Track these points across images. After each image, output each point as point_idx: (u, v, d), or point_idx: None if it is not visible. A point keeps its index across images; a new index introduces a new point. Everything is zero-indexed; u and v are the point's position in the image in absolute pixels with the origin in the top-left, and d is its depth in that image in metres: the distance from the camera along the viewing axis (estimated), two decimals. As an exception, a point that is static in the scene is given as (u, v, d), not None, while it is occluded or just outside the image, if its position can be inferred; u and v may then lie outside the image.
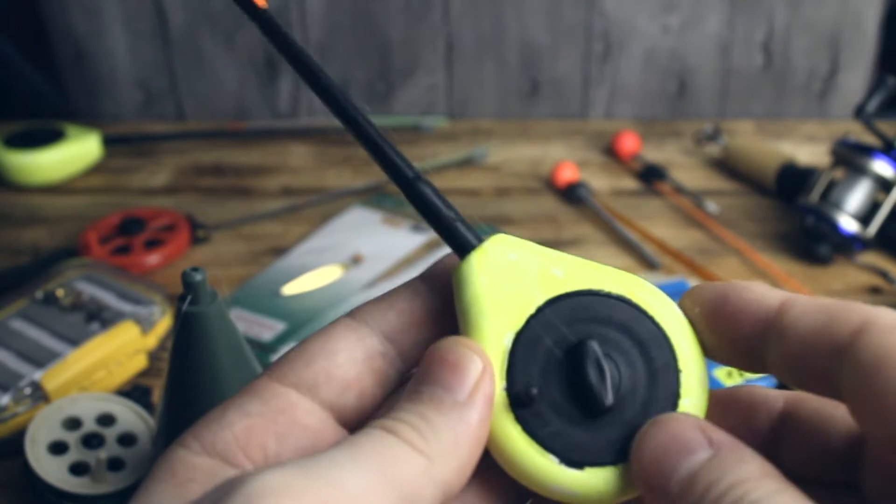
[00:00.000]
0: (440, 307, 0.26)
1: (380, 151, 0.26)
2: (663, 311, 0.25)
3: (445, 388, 0.24)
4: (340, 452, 0.21)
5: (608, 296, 0.25)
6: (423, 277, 0.27)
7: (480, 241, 0.26)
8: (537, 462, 0.24)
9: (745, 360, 0.25)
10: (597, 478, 0.24)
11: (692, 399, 0.25)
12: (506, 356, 0.25)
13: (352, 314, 0.26)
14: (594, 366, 0.24)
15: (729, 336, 0.25)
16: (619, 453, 0.24)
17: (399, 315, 0.26)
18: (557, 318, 0.25)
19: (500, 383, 0.25)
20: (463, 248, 0.26)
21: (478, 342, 0.25)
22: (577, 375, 0.24)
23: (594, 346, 0.24)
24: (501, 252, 0.26)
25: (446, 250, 0.27)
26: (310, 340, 0.26)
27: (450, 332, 0.26)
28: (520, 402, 0.24)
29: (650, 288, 0.26)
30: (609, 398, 0.24)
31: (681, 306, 0.26)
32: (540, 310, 0.25)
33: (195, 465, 0.23)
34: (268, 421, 0.24)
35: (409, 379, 0.25)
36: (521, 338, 0.25)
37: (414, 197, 0.26)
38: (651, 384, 0.25)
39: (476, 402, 0.23)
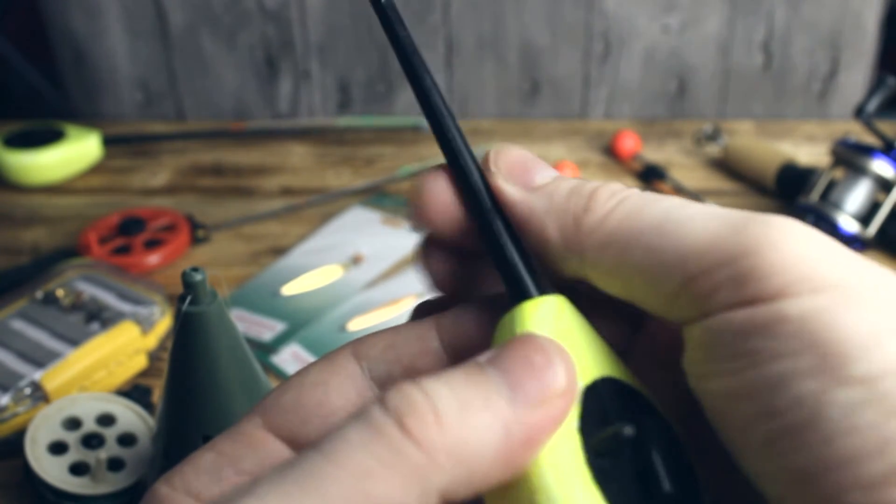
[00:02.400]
0: (447, 358, 0.25)
1: (466, 171, 0.24)
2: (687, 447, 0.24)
3: (509, 383, 0.20)
4: (313, 469, 0.19)
5: (653, 406, 0.24)
6: (437, 322, 0.25)
7: (544, 292, 0.23)
8: None
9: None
10: None
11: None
12: (580, 399, 0.22)
13: (355, 351, 0.25)
14: (658, 451, 0.22)
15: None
16: None
17: (405, 369, 0.24)
18: (614, 396, 0.23)
19: (573, 422, 0.21)
20: (525, 293, 0.23)
21: None
22: (640, 455, 0.22)
23: (656, 432, 0.22)
24: (570, 311, 0.23)
25: None
26: (308, 386, 0.24)
27: None
28: (599, 449, 0.21)
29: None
30: (668, 486, 0.22)
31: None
32: (596, 381, 0.23)
33: None
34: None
35: None
36: (589, 392, 0.22)
37: (488, 231, 0.24)
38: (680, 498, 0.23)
39: (532, 421, 0.20)
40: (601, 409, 0.22)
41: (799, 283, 0.20)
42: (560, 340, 0.22)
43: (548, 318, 0.23)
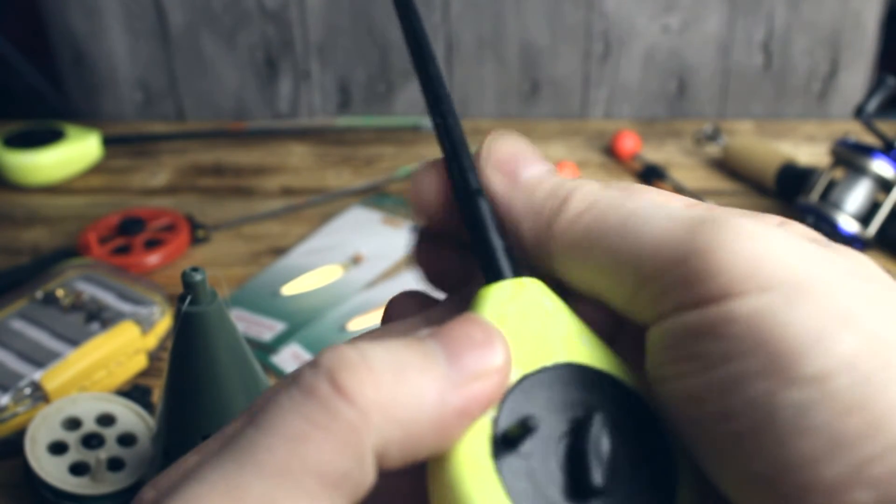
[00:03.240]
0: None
1: (456, 154, 0.25)
2: (671, 432, 0.23)
3: (448, 355, 0.20)
4: (249, 442, 0.18)
5: (626, 387, 0.23)
6: (427, 318, 0.25)
7: (517, 276, 0.24)
8: None
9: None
10: None
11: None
12: (507, 389, 0.21)
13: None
14: (596, 442, 0.21)
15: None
16: None
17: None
18: (572, 381, 0.22)
19: (490, 411, 0.21)
20: (496, 275, 0.23)
21: None
22: (574, 445, 0.21)
23: (602, 423, 0.21)
24: (538, 294, 0.23)
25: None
26: None
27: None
28: (507, 440, 0.21)
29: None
30: (599, 479, 0.21)
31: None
32: (557, 365, 0.22)
33: None
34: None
35: None
36: (528, 380, 0.22)
37: (469, 209, 0.24)
38: (642, 478, 0.22)
39: (466, 393, 0.20)
40: (540, 396, 0.22)
41: (746, 282, 0.20)
42: (516, 323, 0.22)
43: (505, 300, 0.23)
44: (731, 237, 0.21)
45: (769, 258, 0.20)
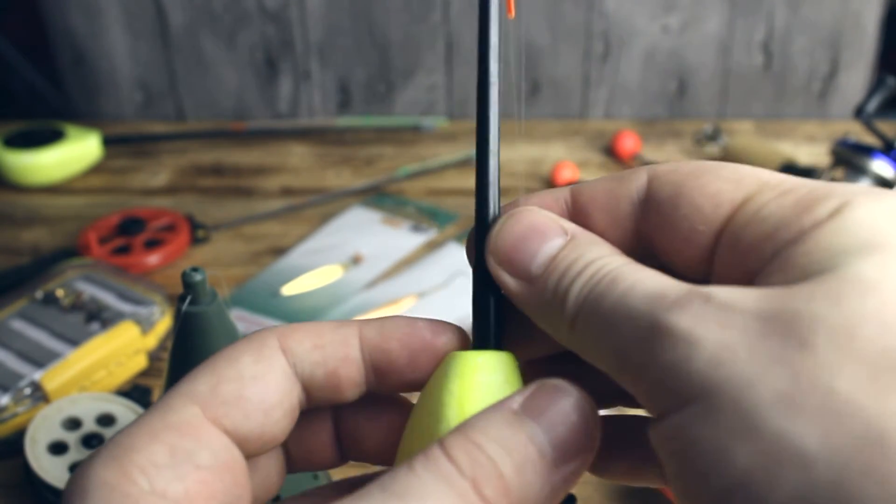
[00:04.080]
0: (364, 370, 0.26)
1: (483, 187, 0.26)
2: None
3: (551, 440, 0.22)
4: (393, 499, 0.20)
5: None
6: (365, 325, 0.26)
7: (500, 346, 0.26)
8: None
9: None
10: None
11: None
12: None
13: (282, 341, 0.25)
14: None
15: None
16: None
17: (328, 374, 0.25)
18: None
19: None
20: (484, 341, 0.26)
21: (428, 440, 0.23)
22: None
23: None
24: (508, 370, 0.25)
25: (444, 252, 0.27)
26: (247, 379, 0.24)
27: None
28: None
29: None
30: None
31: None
32: None
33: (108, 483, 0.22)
34: (172, 445, 0.23)
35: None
36: None
37: (475, 277, 0.26)
38: None
39: (566, 473, 0.22)
40: None
41: (668, 400, 0.20)
42: (483, 393, 0.24)
43: (502, 369, 0.25)
44: (662, 351, 0.20)
45: (686, 369, 0.20)
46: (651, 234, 0.24)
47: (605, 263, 0.23)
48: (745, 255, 0.22)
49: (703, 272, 0.23)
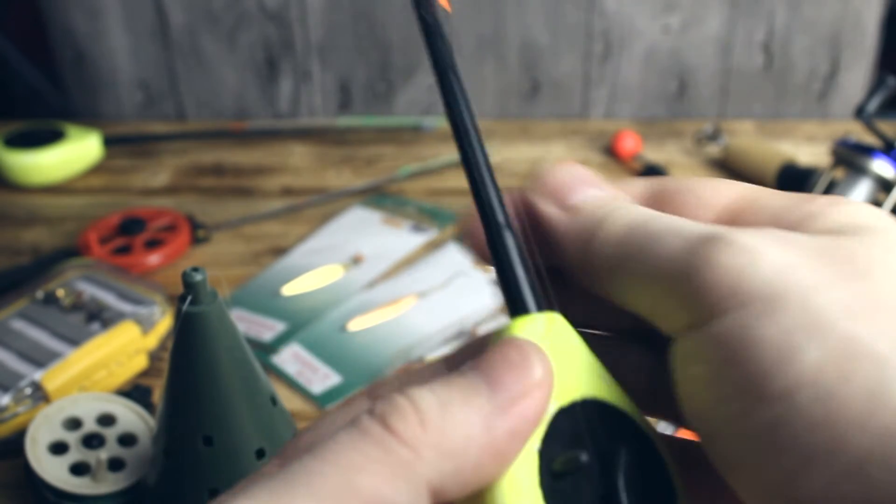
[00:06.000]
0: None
1: (482, 187, 0.25)
2: (673, 468, 0.24)
3: (489, 382, 0.21)
4: (301, 467, 0.19)
5: (640, 428, 0.24)
6: (447, 362, 0.25)
7: (542, 310, 0.24)
8: None
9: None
10: None
11: None
12: (548, 421, 0.22)
13: (370, 391, 0.24)
14: (626, 477, 0.22)
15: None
16: None
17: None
18: (599, 417, 0.23)
19: (535, 443, 0.22)
20: (523, 308, 0.24)
21: None
22: (609, 481, 0.22)
23: (628, 457, 0.23)
24: (564, 330, 0.24)
25: (444, 252, 0.26)
26: (321, 429, 0.23)
27: None
28: (553, 473, 0.22)
29: (663, 441, 0.25)
30: None
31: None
32: (586, 400, 0.23)
33: None
34: None
35: None
36: (563, 413, 0.22)
37: (495, 242, 0.24)
38: None
39: (514, 414, 0.21)
40: (575, 430, 0.23)
41: (726, 300, 0.20)
42: (563, 355, 0.23)
43: (534, 332, 0.23)
44: (722, 255, 0.21)
45: (750, 273, 0.20)
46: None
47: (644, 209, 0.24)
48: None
49: None
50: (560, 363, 0.23)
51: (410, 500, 0.19)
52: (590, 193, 0.25)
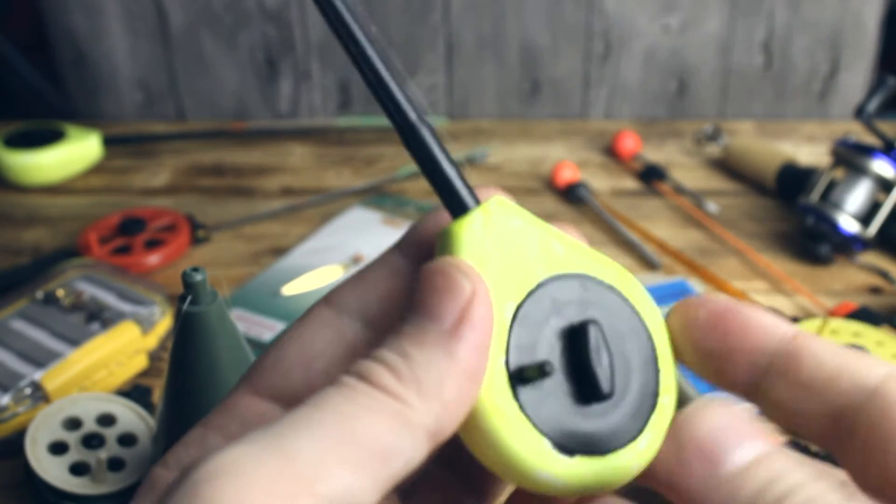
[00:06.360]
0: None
1: (382, 85, 0.23)
2: (647, 309, 0.24)
3: (429, 316, 0.21)
4: (300, 415, 0.20)
5: (602, 283, 0.24)
6: (402, 249, 0.25)
7: (479, 202, 0.24)
8: (528, 446, 0.22)
9: (728, 380, 0.23)
10: (585, 467, 0.22)
11: (671, 398, 0.24)
12: (507, 328, 0.22)
13: (328, 301, 0.25)
14: (596, 351, 0.23)
15: (724, 353, 0.23)
16: (609, 444, 0.23)
17: (380, 300, 0.25)
18: (557, 296, 0.23)
19: (499, 357, 0.22)
20: (461, 207, 0.23)
21: None
22: (578, 359, 0.23)
23: (597, 330, 0.23)
24: (504, 216, 0.23)
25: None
26: (286, 343, 0.24)
27: None
28: (522, 378, 0.22)
29: (636, 283, 0.25)
30: (608, 386, 0.23)
31: (679, 309, 0.25)
32: (540, 285, 0.23)
33: None
34: None
35: None
36: (521, 310, 0.23)
37: (413, 142, 0.24)
38: (634, 378, 0.24)
39: (464, 333, 0.21)
40: (539, 322, 0.23)
41: None
42: (496, 256, 0.23)
43: (479, 235, 0.23)
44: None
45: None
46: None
47: (817, 494, 0.20)
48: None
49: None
50: (507, 255, 0.23)
51: (412, 446, 0.20)
52: (750, 450, 0.21)
